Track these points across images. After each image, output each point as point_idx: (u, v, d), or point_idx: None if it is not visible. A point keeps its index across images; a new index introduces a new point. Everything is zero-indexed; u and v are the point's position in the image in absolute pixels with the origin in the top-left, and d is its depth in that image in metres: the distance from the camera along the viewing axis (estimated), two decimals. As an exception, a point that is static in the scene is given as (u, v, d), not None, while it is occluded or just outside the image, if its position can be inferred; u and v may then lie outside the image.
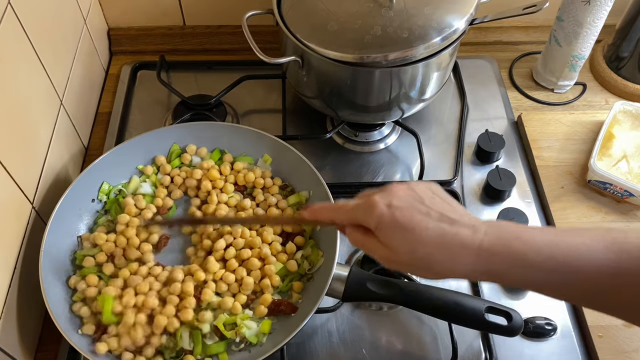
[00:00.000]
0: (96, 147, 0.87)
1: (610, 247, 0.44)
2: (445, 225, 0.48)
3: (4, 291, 0.60)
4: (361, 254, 0.74)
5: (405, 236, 0.48)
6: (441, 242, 0.47)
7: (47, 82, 0.73)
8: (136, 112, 0.91)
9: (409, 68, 0.72)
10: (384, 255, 0.50)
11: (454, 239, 0.47)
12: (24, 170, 0.65)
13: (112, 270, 0.67)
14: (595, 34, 0.85)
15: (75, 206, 0.70)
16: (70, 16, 0.83)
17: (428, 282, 0.72)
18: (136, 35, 1.00)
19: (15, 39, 0.64)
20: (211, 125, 0.79)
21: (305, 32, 0.72)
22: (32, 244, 0.65)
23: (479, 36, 1.01)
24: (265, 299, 0.64)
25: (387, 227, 0.49)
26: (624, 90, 0.92)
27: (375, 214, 0.49)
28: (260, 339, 0.63)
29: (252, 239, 0.68)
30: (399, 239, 0.48)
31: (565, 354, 0.67)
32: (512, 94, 0.95)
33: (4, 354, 0.59)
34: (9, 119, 0.62)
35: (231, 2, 0.96)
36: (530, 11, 0.73)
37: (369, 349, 0.67)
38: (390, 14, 0.71)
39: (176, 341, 0.62)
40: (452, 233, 0.47)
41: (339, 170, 0.84)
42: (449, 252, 0.47)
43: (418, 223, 0.48)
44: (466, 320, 0.61)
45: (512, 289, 0.72)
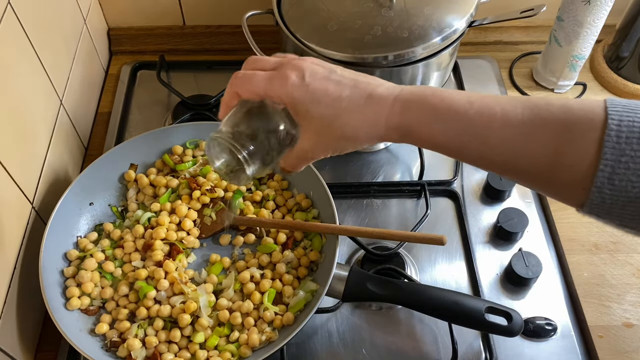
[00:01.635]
0: (96, 147, 0.87)
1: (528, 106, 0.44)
2: (359, 90, 0.47)
3: (4, 291, 0.60)
4: (361, 254, 0.74)
5: (320, 108, 0.47)
6: (357, 108, 0.47)
7: (47, 82, 0.73)
8: (136, 112, 0.91)
9: (409, 68, 0.72)
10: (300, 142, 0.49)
11: (369, 99, 0.47)
12: (23, 170, 0.65)
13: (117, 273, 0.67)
14: (595, 34, 0.85)
15: (75, 206, 0.70)
16: (70, 16, 0.83)
17: (428, 282, 0.73)
18: (136, 35, 1.00)
19: (15, 39, 0.64)
20: (211, 125, 0.79)
21: (305, 32, 0.72)
22: (32, 244, 0.65)
23: (479, 36, 1.01)
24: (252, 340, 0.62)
25: (302, 101, 0.48)
26: (624, 90, 0.92)
27: (288, 87, 0.47)
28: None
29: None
30: (314, 113, 0.48)
31: (565, 354, 0.67)
32: (512, 94, 0.95)
33: (3, 354, 0.59)
34: (9, 119, 0.62)
35: (231, 2, 0.96)
36: (528, 15, 0.73)
37: (369, 349, 0.67)
38: (390, 14, 0.71)
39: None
40: (367, 95, 0.47)
41: (339, 170, 0.84)
42: (364, 114, 0.47)
43: (332, 92, 0.47)
44: (466, 320, 0.61)
45: (513, 289, 0.72)
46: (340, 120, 0.47)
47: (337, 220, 0.68)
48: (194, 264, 0.70)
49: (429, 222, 0.77)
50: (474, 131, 0.45)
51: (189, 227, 0.71)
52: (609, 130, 0.40)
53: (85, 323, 0.64)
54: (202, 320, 0.63)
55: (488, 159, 0.46)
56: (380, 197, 0.81)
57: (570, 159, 0.42)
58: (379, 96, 0.47)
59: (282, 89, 0.48)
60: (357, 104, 0.47)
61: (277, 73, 0.49)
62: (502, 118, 0.44)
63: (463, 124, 0.45)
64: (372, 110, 0.47)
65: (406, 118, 0.46)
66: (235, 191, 0.74)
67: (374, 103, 0.47)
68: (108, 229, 0.71)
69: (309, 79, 0.48)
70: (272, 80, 0.49)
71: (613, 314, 0.69)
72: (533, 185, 0.47)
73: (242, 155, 0.49)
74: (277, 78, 0.48)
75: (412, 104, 0.46)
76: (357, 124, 0.48)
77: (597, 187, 0.40)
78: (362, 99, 0.47)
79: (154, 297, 0.65)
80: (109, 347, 0.63)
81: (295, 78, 0.48)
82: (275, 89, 0.48)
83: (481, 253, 0.76)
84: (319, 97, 0.47)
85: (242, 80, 0.50)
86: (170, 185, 0.74)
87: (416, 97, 0.46)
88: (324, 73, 0.49)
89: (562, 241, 0.76)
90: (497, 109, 0.44)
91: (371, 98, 0.47)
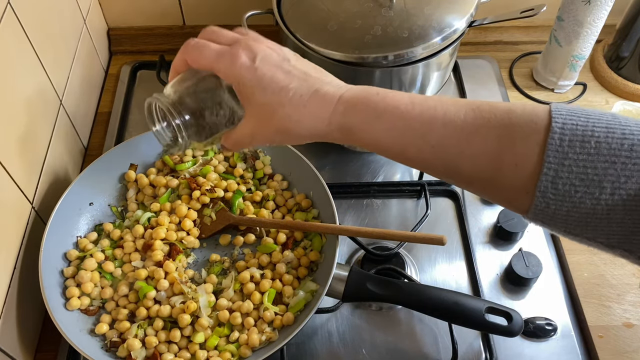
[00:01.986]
0: (96, 147, 0.87)
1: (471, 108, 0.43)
2: (307, 84, 0.47)
3: (4, 291, 0.60)
4: (361, 254, 0.74)
5: (266, 96, 0.46)
6: (301, 101, 0.46)
7: (46, 82, 0.73)
8: (136, 112, 0.91)
9: (409, 68, 0.72)
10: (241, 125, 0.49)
11: (314, 95, 0.46)
12: (23, 170, 0.65)
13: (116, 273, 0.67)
14: (595, 34, 0.85)
15: (75, 206, 0.70)
16: (70, 16, 0.83)
17: (428, 282, 0.73)
18: (136, 35, 1.00)
19: (15, 39, 0.64)
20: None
21: (305, 32, 0.72)
22: (32, 244, 0.65)
23: (479, 36, 1.01)
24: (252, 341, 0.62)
25: (247, 82, 0.46)
26: (624, 90, 0.92)
27: (236, 67, 0.46)
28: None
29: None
30: (258, 98, 0.46)
31: (566, 354, 0.67)
32: (512, 94, 0.95)
33: (3, 354, 0.59)
34: (9, 119, 0.62)
35: (231, 2, 0.96)
36: (528, 15, 0.73)
37: (369, 349, 0.67)
38: (390, 14, 0.71)
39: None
40: (313, 90, 0.46)
41: (339, 170, 0.84)
42: (307, 109, 0.46)
43: (280, 81, 0.46)
44: (466, 321, 0.61)
45: (514, 289, 0.72)
46: (283, 111, 0.46)
47: (337, 220, 0.68)
48: (194, 264, 0.70)
49: (429, 222, 0.77)
50: (416, 132, 0.44)
51: (189, 227, 0.71)
52: (552, 133, 0.39)
53: (85, 323, 0.64)
54: (202, 321, 0.63)
55: (430, 161, 0.45)
56: (380, 197, 0.81)
57: (512, 162, 0.41)
58: (324, 92, 0.47)
59: (230, 67, 0.47)
60: (302, 97, 0.46)
61: (228, 49, 0.47)
62: (444, 118, 0.43)
63: (404, 125, 0.44)
64: (316, 106, 0.46)
65: (349, 118, 0.46)
66: (235, 191, 0.74)
67: (319, 99, 0.46)
68: (108, 229, 0.71)
69: (259, 63, 0.46)
70: (222, 55, 0.47)
71: (613, 314, 0.69)
72: (477, 190, 0.47)
73: (176, 122, 0.48)
74: (227, 55, 0.47)
75: (355, 103, 0.46)
76: (300, 118, 0.47)
77: (540, 191, 0.40)
78: (308, 94, 0.46)
79: (154, 297, 0.65)
80: (109, 347, 0.63)
81: (245, 59, 0.46)
82: (223, 65, 0.47)
83: (481, 253, 0.75)
84: (266, 83, 0.46)
85: (192, 49, 0.49)
86: (170, 185, 0.74)
87: (360, 96, 0.46)
88: (276, 60, 0.47)
89: (562, 241, 0.76)
90: (439, 110, 0.44)
91: (317, 93, 0.46)
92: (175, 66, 0.51)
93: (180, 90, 0.49)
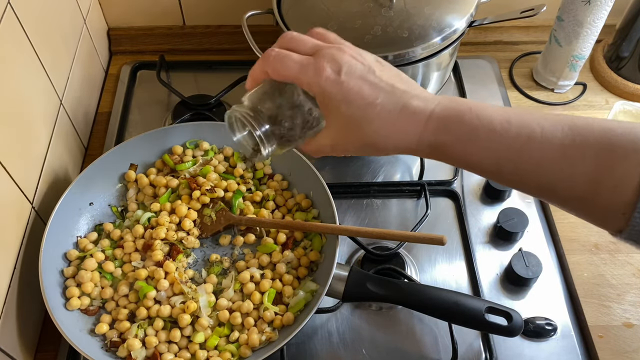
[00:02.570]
0: (96, 147, 0.87)
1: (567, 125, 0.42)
2: (395, 97, 0.45)
3: (4, 291, 0.60)
4: (361, 254, 0.74)
5: (351, 110, 0.45)
6: (389, 117, 0.45)
7: (46, 82, 0.73)
8: (136, 112, 0.91)
9: (409, 68, 0.72)
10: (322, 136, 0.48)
11: (403, 110, 0.45)
12: (23, 170, 0.65)
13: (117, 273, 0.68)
14: (595, 34, 0.85)
15: (75, 206, 0.70)
16: (70, 16, 0.83)
17: (428, 282, 0.73)
18: (136, 35, 1.00)
19: (15, 39, 0.64)
20: (211, 125, 0.79)
21: (305, 32, 0.72)
22: (32, 244, 0.65)
23: (479, 36, 1.01)
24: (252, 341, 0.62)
25: (333, 97, 0.45)
26: (624, 90, 0.92)
27: (322, 80, 0.45)
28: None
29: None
30: (343, 112, 0.45)
31: (566, 354, 0.67)
32: (512, 94, 0.95)
33: (3, 354, 0.59)
34: (9, 119, 0.62)
35: (231, 2, 0.96)
36: (528, 15, 0.73)
37: (369, 349, 0.67)
38: (390, 14, 0.71)
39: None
40: (402, 105, 0.45)
41: (339, 170, 0.84)
42: (396, 126, 0.45)
43: (367, 96, 0.45)
44: (466, 321, 0.61)
45: (513, 289, 0.72)
46: (371, 127, 0.45)
47: (337, 220, 0.68)
48: (194, 264, 0.70)
49: (429, 222, 0.77)
50: (512, 152, 0.43)
51: (189, 227, 0.71)
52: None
53: (85, 323, 0.64)
54: (202, 320, 0.63)
55: (525, 180, 0.44)
56: (380, 197, 0.81)
57: (611, 183, 0.40)
58: (414, 108, 0.45)
59: (315, 79, 0.45)
60: (390, 112, 0.45)
61: (312, 61, 0.46)
62: (541, 137, 0.42)
63: (500, 144, 0.43)
64: (406, 123, 0.45)
65: (441, 136, 0.44)
66: (235, 191, 0.73)
67: (408, 115, 0.45)
68: (108, 229, 0.71)
69: (345, 76, 0.45)
70: (306, 67, 0.46)
71: (613, 314, 0.69)
72: (570, 209, 0.45)
73: (258, 133, 0.48)
74: (311, 66, 0.46)
75: (448, 121, 0.44)
76: (388, 134, 0.45)
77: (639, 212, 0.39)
78: (397, 109, 0.45)
79: (154, 297, 0.65)
80: (109, 347, 0.63)
81: (330, 72, 0.45)
82: (308, 77, 0.46)
83: (481, 253, 0.75)
84: (352, 97, 0.45)
85: (274, 60, 0.47)
86: (170, 185, 0.74)
87: (452, 113, 0.44)
88: (361, 71, 0.46)
89: (562, 241, 0.76)
90: (536, 128, 0.42)
91: (406, 109, 0.45)
92: (254, 76, 0.50)
93: (261, 101, 0.49)
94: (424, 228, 0.75)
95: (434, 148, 0.46)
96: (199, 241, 0.71)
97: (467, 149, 0.44)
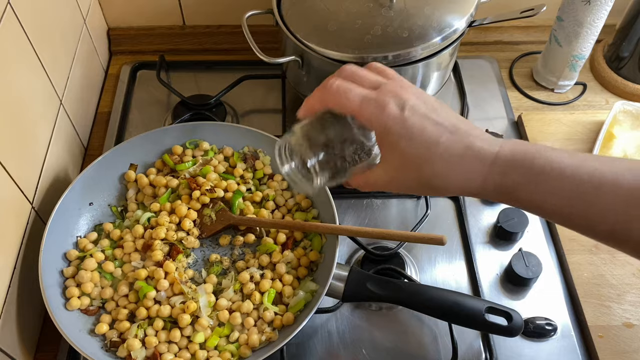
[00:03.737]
0: (96, 147, 0.87)
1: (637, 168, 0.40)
2: (458, 137, 0.44)
3: (4, 291, 0.60)
4: (361, 254, 0.74)
5: (413, 148, 0.44)
6: (452, 158, 0.44)
7: (46, 82, 0.73)
8: (136, 112, 0.91)
9: (409, 68, 0.72)
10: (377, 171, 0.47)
11: (467, 151, 0.43)
12: (23, 170, 0.65)
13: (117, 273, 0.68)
14: (595, 34, 0.85)
15: (75, 206, 0.70)
16: (69, 16, 0.83)
17: (428, 282, 0.73)
18: (136, 35, 1.00)
19: (15, 39, 0.64)
20: (211, 125, 0.79)
21: (305, 32, 0.72)
22: (32, 244, 0.65)
23: (479, 36, 1.01)
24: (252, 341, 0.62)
25: (395, 133, 0.44)
26: (624, 90, 0.92)
27: (384, 116, 0.44)
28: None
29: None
30: (404, 149, 0.44)
31: (566, 355, 0.67)
32: (512, 94, 0.95)
33: (3, 354, 0.59)
34: (9, 119, 0.62)
35: (231, 2, 0.96)
36: (528, 15, 0.73)
37: (369, 349, 0.67)
38: (390, 14, 0.71)
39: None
40: (465, 145, 0.43)
41: (339, 170, 0.84)
42: (460, 167, 0.44)
43: (430, 134, 0.44)
44: (466, 321, 0.60)
45: (513, 289, 0.72)
46: (432, 167, 0.44)
47: (337, 220, 0.68)
48: (194, 264, 0.70)
49: (429, 222, 0.77)
50: (583, 197, 0.42)
51: (188, 227, 0.71)
52: None
53: (85, 323, 0.64)
54: (202, 321, 0.63)
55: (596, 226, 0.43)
56: (380, 197, 0.81)
57: None
58: (479, 149, 0.44)
59: (378, 114, 0.44)
60: (453, 154, 0.44)
61: (375, 95, 0.45)
62: (613, 183, 0.41)
63: (570, 189, 0.42)
64: (470, 165, 0.44)
65: (508, 180, 0.43)
66: (235, 191, 0.73)
67: (473, 157, 0.44)
68: (108, 229, 0.71)
69: (408, 113, 0.44)
70: (368, 102, 0.45)
71: (613, 314, 0.69)
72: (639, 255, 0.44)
73: (311, 163, 0.47)
74: (374, 102, 0.45)
75: (516, 164, 0.43)
76: (450, 176, 0.44)
77: None
78: (460, 150, 0.44)
79: (154, 297, 0.65)
80: (109, 347, 0.63)
81: (394, 108, 0.44)
82: (369, 112, 0.45)
83: (481, 253, 0.75)
84: (415, 135, 0.44)
85: (336, 92, 0.47)
86: (170, 185, 0.74)
87: (520, 156, 0.43)
88: (424, 110, 0.45)
89: (562, 241, 0.76)
90: (607, 173, 0.41)
91: (470, 150, 0.44)
92: (311, 105, 0.49)
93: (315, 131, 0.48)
94: (424, 228, 0.75)
95: (501, 191, 0.44)
96: (199, 241, 0.71)
97: (535, 193, 0.43)
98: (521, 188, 0.43)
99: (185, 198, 0.73)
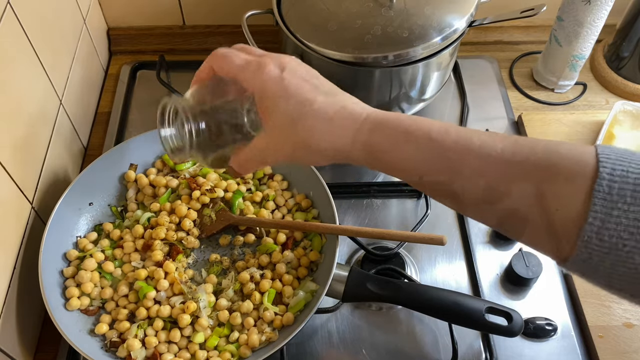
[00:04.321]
0: (95, 147, 0.87)
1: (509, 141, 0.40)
2: (334, 99, 0.45)
3: (4, 291, 0.60)
4: (361, 254, 0.73)
5: (289, 105, 0.44)
6: (326, 115, 0.44)
7: (46, 82, 0.73)
8: (136, 112, 0.91)
9: (409, 68, 0.72)
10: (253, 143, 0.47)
11: (341, 110, 0.45)
12: (23, 170, 0.65)
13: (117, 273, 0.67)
14: (595, 34, 0.85)
15: (75, 206, 0.70)
16: (69, 16, 0.83)
17: (428, 282, 0.73)
18: (136, 35, 1.00)
19: (15, 39, 0.64)
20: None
21: (305, 32, 0.72)
22: (32, 244, 0.65)
23: (479, 36, 1.01)
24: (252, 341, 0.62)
25: (272, 93, 0.45)
26: (625, 90, 0.92)
27: (262, 75, 0.45)
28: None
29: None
30: (280, 108, 0.45)
31: (566, 355, 0.67)
32: (512, 94, 0.95)
33: (3, 354, 0.59)
34: (9, 119, 0.62)
35: (231, 2, 0.96)
36: (528, 15, 0.73)
37: (369, 349, 0.67)
38: (390, 14, 0.71)
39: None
40: (340, 106, 0.45)
41: (339, 170, 0.84)
42: (332, 125, 0.44)
43: (306, 93, 0.45)
44: (466, 321, 0.60)
45: (514, 289, 0.72)
46: (306, 123, 0.44)
47: (337, 220, 0.68)
48: (194, 264, 0.70)
49: (429, 222, 0.77)
50: (447, 161, 0.41)
51: (188, 227, 0.71)
52: (600, 179, 0.36)
53: (85, 323, 0.64)
54: (202, 321, 0.63)
55: (459, 194, 0.42)
56: (380, 197, 0.81)
57: (553, 205, 0.38)
58: (351, 109, 0.45)
59: (256, 75, 0.45)
60: (328, 111, 0.45)
61: (256, 59, 0.47)
62: (480, 150, 0.40)
63: (436, 151, 0.42)
64: (342, 122, 0.45)
65: (376, 137, 0.44)
66: (235, 191, 0.73)
67: (345, 114, 0.45)
68: (108, 229, 0.71)
69: (287, 74, 0.45)
70: (249, 63, 0.46)
71: (613, 314, 0.69)
72: (509, 231, 0.43)
73: (189, 127, 0.47)
74: (254, 63, 0.46)
75: (384, 123, 0.44)
76: (323, 132, 0.45)
77: (583, 240, 0.36)
78: (335, 108, 0.45)
79: (154, 297, 0.65)
80: (109, 347, 0.63)
81: (273, 68, 0.45)
82: (249, 73, 0.46)
83: (481, 253, 0.75)
84: (291, 93, 0.45)
85: (220, 57, 0.49)
86: (170, 185, 0.74)
87: (390, 117, 0.44)
88: (304, 74, 0.46)
89: (562, 241, 0.76)
90: (475, 140, 0.41)
91: (344, 109, 0.45)
92: (200, 73, 0.50)
93: (200, 98, 0.49)
94: (424, 228, 0.75)
95: (368, 150, 0.45)
96: (199, 241, 0.71)
97: (400, 153, 0.43)
98: (386, 147, 0.44)
99: (185, 198, 0.73)
